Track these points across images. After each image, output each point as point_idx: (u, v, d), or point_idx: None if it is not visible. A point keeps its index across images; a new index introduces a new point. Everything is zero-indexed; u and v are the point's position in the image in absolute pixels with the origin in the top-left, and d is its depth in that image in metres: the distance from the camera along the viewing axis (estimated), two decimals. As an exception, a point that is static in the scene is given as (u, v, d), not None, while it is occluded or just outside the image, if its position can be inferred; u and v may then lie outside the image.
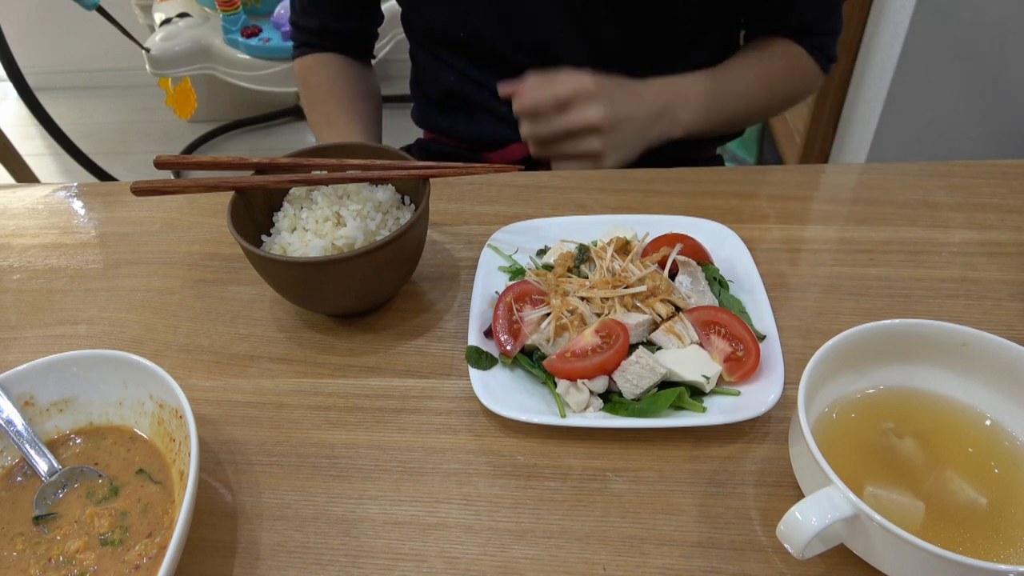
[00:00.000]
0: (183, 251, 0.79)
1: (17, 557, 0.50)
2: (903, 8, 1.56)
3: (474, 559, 0.50)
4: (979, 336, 0.52)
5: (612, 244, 0.66)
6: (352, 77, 1.03)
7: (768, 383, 0.57)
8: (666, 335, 0.60)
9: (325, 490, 0.55)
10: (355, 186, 0.68)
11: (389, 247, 0.61)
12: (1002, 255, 0.71)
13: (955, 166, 0.82)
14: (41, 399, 0.57)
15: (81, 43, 2.93)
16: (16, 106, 2.79)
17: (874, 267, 0.70)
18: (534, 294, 0.64)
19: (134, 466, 0.55)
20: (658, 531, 0.51)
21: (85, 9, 1.95)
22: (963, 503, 0.48)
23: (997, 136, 1.69)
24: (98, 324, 0.71)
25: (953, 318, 0.54)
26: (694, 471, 0.55)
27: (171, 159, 0.67)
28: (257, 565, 0.51)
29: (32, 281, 0.77)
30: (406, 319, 0.68)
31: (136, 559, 0.49)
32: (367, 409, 0.61)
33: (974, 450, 0.51)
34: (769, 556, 0.49)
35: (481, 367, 0.60)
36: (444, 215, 0.80)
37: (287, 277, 0.63)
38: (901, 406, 0.54)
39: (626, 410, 0.56)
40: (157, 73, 2.25)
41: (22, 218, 0.86)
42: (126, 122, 2.93)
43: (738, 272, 0.68)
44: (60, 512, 0.52)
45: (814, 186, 0.82)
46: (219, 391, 0.63)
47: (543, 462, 0.56)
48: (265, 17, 2.23)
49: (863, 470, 0.50)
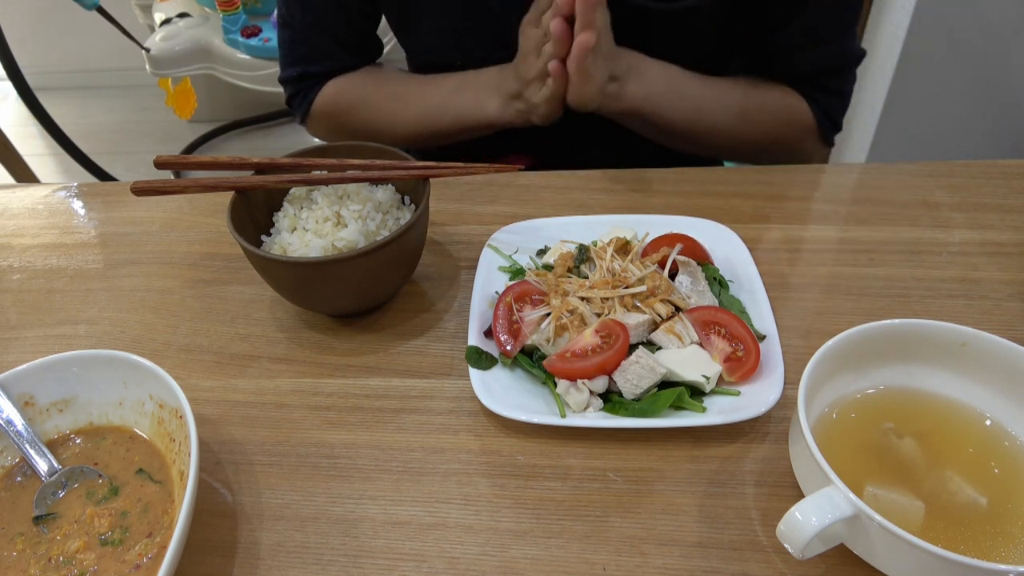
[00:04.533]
0: (183, 251, 0.79)
1: (17, 557, 0.50)
2: (903, 8, 1.56)
3: (474, 559, 0.50)
4: (979, 336, 0.52)
5: (612, 244, 0.66)
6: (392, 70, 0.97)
7: (768, 383, 0.57)
8: (666, 335, 0.60)
9: (325, 490, 0.55)
10: (355, 186, 0.68)
11: (389, 247, 0.61)
12: (1002, 255, 0.71)
13: (955, 166, 0.82)
14: (41, 399, 0.57)
15: (81, 43, 2.93)
16: (16, 106, 2.79)
17: (874, 267, 0.70)
18: (534, 294, 0.64)
19: (134, 466, 0.55)
20: (658, 531, 0.51)
21: (85, 9, 1.95)
22: (963, 503, 0.48)
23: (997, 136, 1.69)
24: (98, 324, 0.71)
25: (953, 318, 0.54)
26: (694, 471, 0.55)
27: (171, 159, 0.67)
28: (257, 565, 0.51)
29: (32, 281, 0.77)
30: (406, 319, 0.68)
31: (136, 559, 0.49)
32: (367, 409, 0.61)
33: (974, 450, 0.51)
34: (769, 556, 0.49)
35: (481, 367, 0.60)
36: (444, 215, 0.80)
37: (287, 277, 0.63)
38: (901, 406, 0.54)
39: (626, 410, 0.56)
40: (157, 73, 2.25)
41: (22, 218, 0.86)
42: (126, 122, 2.93)
43: (738, 272, 0.68)
44: (60, 512, 0.52)
45: (814, 186, 0.82)
46: (219, 391, 0.63)
47: (543, 462, 0.56)
48: (265, 17, 2.23)
49: (863, 470, 0.50)
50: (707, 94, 0.85)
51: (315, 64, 0.94)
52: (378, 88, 0.93)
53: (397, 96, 0.92)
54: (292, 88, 0.96)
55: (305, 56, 0.94)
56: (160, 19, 2.33)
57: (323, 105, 0.95)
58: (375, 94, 0.93)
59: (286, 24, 0.93)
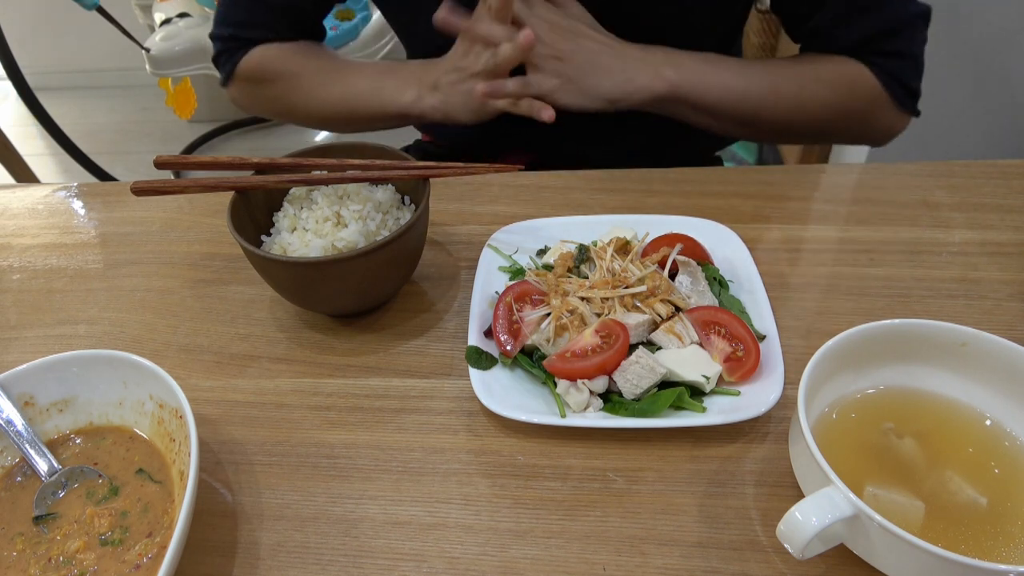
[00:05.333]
0: (183, 251, 0.79)
1: (17, 557, 0.50)
2: (903, 8, 1.56)
3: (474, 559, 0.50)
4: (979, 336, 0.52)
5: (612, 244, 0.66)
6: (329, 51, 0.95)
7: (768, 383, 0.57)
8: (666, 335, 0.60)
9: (325, 490, 0.55)
10: (355, 186, 0.68)
11: (389, 247, 0.61)
12: (1002, 255, 0.71)
13: (955, 166, 0.82)
14: (41, 399, 0.57)
15: (81, 43, 2.93)
16: (16, 106, 2.79)
17: (874, 267, 0.70)
18: (534, 294, 0.64)
19: (134, 466, 0.55)
20: (658, 531, 0.51)
21: (85, 9, 1.95)
22: (963, 503, 0.48)
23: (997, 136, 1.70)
24: (98, 324, 0.71)
25: (953, 318, 0.54)
26: (694, 471, 0.55)
27: (171, 159, 0.67)
28: (257, 565, 0.51)
29: (32, 281, 0.77)
30: (406, 319, 0.68)
31: (136, 559, 0.49)
32: (367, 409, 0.61)
33: (974, 450, 0.51)
34: (769, 556, 0.49)
35: (481, 367, 0.60)
36: (444, 215, 0.80)
37: (287, 277, 0.63)
38: (901, 406, 0.54)
39: (626, 410, 0.56)
40: (157, 73, 2.25)
41: (22, 218, 0.86)
42: (126, 122, 2.93)
43: (738, 272, 0.68)
44: (60, 512, 0.52)
45: (814, 186, 0.82)
46: (219, 391, 0.63)
47: (543, 462, 0.56)
48: (265, 17, 2.23)
49: (863, 470, 0.50)
50: (748, 71, 0.82)
51: (249, 30, 0.93)
52: (306, 61, 0.92)
53: (322, 72, 0.91)
54: (220, 46, 0.95)
55: (242, 21, 0.93)
56: (160, 19, 2.33)
57: (247, 69, 0.93)
58: (302, 67, 0.92)
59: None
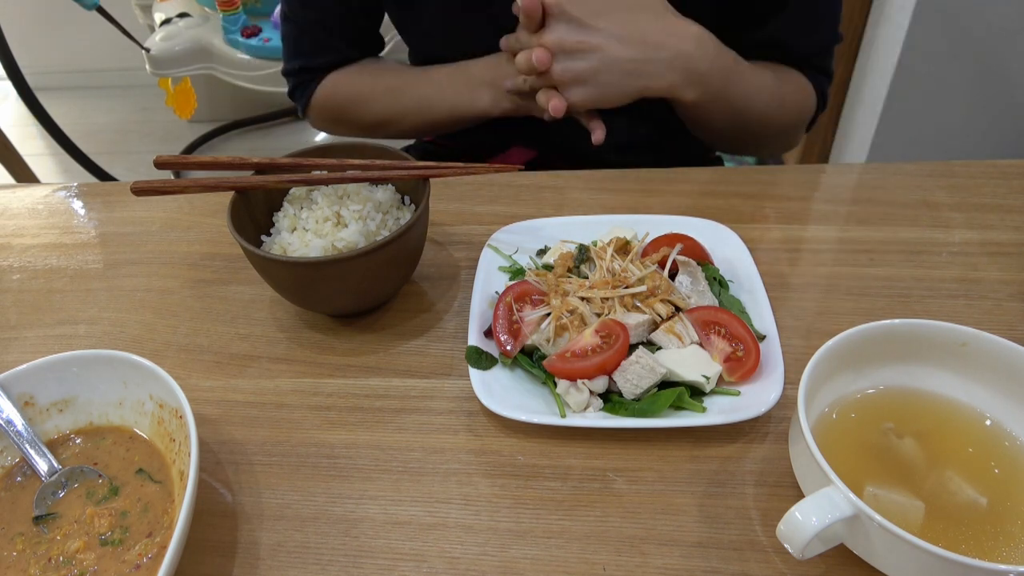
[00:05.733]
0: (183, 251, 0.79)
1: (17, 557, 0.50)
2: (903, 8, 1.56)
3: (474, 559, 0.50)
4: (979, 336, 0.52)
5: (612, 244, 0.66)
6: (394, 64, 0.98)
7: (768, 383, 0.57)
8: (666, 335, 0.60)
9: (325, 490, 0.55)
10: (355, 186, 0.68)
11: (389, 247, 0.61)
12: (1002, 255, 0.71)
13: (955, 166, 0.82)
14: (41, 399, 0.57)
15: (81, 43, 2.93)
16: (16, 106, 2.79)
17: (874, 267, 0.70)
18: (534, 294, 0.64)
19: (134, 466, 0.55)
20: (658, 531, 0.51)
21: (85, 9, 1.95)
22: (963, 503, 0.48)
23: (997, 136, 1.70)
24: (98, 324, 0.71)
25: (953, 318, 0.54)
26: (694, 471, 0.55)
27: (171, 159, 0.67)
28: (257, 565, 0.51)
29: (32, 281, 0.77)
30: (406, 319, 0.68)
31: (136, 559, 0.49)
32: (367, 409, 0.61)
33: (974, 450, 0.51)
34: (769, 556, 0.49)
35: (481, 367, 0.60)
36: (444, 215, 0.80)
37: (287, 277, 0.63)
38: (901, 406, 0.54)
39: (626, 410, 0.56)
40: (157, 73, 2.26)
41: (22, 218, 0.86)
42: (126, 122, 2.93)
43: (738, 272, 0.68)
44: (60, 512, 0.52)
45: (814, 186, 0.82)
46: (219, 391, 0.63)
47: (543, 462, 0.56)
48: (265, 17, 2.23)
49: (863, 470, 0.50)
50: (758, 76, 0.83)
51: (316, 57, 0.95)
52: (375, 82, 0.94)
53: (392, 90, 0.93)
54: (294, 80, 0.98)
55: (307, 50, 0.95)
56: (160, 19, 2.33)
57: (322, 98, 0.97)
58: (372, 88, 0.94)
59: (288, 19, 0.95)
